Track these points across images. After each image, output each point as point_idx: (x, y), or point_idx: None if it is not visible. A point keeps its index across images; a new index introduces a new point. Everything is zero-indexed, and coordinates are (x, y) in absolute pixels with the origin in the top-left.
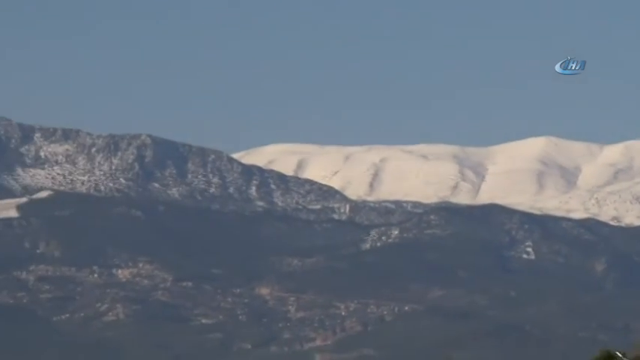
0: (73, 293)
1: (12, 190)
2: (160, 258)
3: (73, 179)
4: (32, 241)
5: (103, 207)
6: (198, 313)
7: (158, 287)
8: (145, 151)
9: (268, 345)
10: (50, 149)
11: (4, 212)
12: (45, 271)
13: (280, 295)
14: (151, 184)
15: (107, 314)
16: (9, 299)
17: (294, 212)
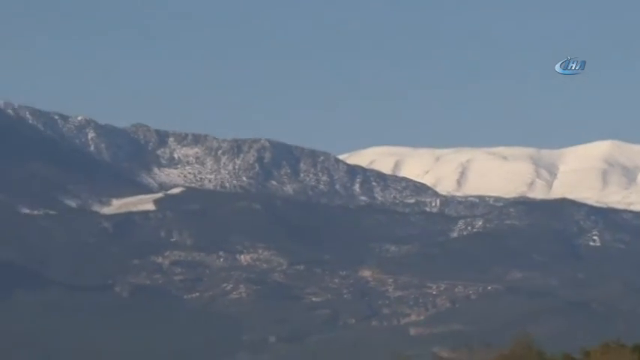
0: (202, 275)
1: (149, 187)
2: (277, 245)
3: (202, 177)
4: (167, 230)
5: (227, 201)
6: (309, 292)
7: (275, 270)
8: (264, 153)
9: (370, 320)
10: (182, 152)
11: (142, 206)
12: (178, 257)
13: (380, 277)
14: (269, 181)
15: (231, 293)
16: (147, 280)
17: (392, 206)
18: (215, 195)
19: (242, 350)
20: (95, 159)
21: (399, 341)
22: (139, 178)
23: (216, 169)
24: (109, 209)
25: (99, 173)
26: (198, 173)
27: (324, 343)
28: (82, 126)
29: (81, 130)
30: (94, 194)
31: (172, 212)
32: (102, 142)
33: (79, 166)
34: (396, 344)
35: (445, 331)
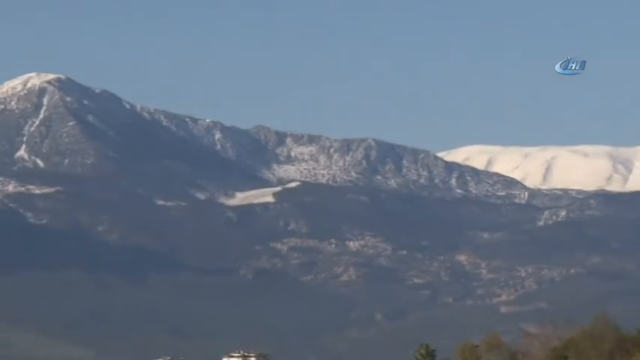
0: (316, 260)
1: (269, 182)
2: (382, 233)
3: (316, 173)
4: (285, 220)
5: (338, 194)
6: (411, 274)
7: (380, 255)
8: (370, 151)
9: (465, 299)
10: (299, 150)
11: (263, 198)
12: (294, 243)
13: (474, 261)
14: (375, 176)
15: (341, 276)
16: (267, 264)
17: (485, 198)
18: (327, 188)
19: (351, 326)
20: (221, 157)
21: (491, 318)
22: (260, 174)
23: (329, 165)
24: (233, 201)
25: (224, 169)
26: (313, 169)
27: (424, 320)
28: (210, 127)
29: (209, 131)
30: (220, 188)
31: (289, 204)
32: (227, 141)
33: (207, 163)
34: (488, 321)
35: (532, 310)
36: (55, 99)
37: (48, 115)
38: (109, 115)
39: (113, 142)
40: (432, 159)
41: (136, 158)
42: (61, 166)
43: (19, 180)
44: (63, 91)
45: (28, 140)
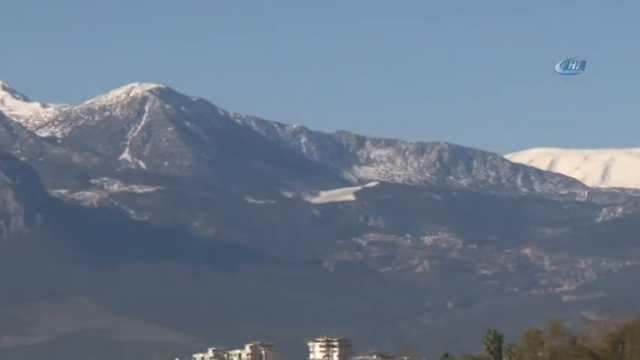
0: (394, 253)
1: (350, 181)
2: (454, 228)
3: (393, 174)
4: (364, 216)
5: (413, 193)
6: (480, 266)
7: (452, 249)
8: (443, 153)
9: (530, 289)
10: (377, 153)
11: (345, 197)
12: (374, 238)
13: (538, 254)
14: (447, 176)
15: (416, 267)
16: (349, 257)
17: (548, 196)
18: (403, 188)
19: (425, 314)
20: (306, 159)
21: (554, 306)
22: (342, 174)
23: (404, 166)
24: (317, 199)
25: (309, 170)
26: (390, 170)
27: (492, 308)
28: (296, 132)
29: (295, 135)
30: (305, 187)
31: (369, 202)
32: (312, 145)
33: (294, 165)
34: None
35: (592, 299)
36: (156, 106)
37: (149, 121)
38: (204, 121)
39: (208, 145)
40: (500, 160)
41: (229, 160)
42: (161, 168)
43: (123, 180)
44: (163, 100)
45: (131, 144)
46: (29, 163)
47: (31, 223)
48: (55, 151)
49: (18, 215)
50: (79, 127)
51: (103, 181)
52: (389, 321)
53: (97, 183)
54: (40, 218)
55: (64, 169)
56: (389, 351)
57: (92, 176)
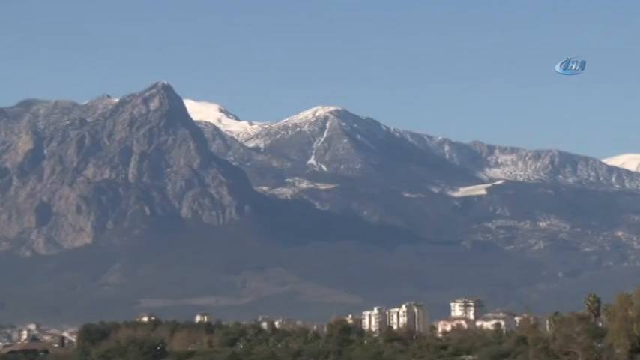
0: (516, 234)
1: (482, 180)
2: (562, 216)
3: (515, 174)
4: (493, 207)
5: (531, 189)
6: (582, 245)
7: (562, 231)
8: (554, 158)
9: (621, 263)
10: (503, 158)
11: (478, 192)
12: (501, 223)
13: (628, 236)
14: (557, 176)
15: (534, 246)
16: (481, 238)
17: (636, 191)
18: (523, 185)
19: (540, 282)
20: (449, 163)
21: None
22: (476, 175)
23: (524, 168)
24: (457, 194)
25: (451, 172)
26: (513, 171)
27: (592, 277)
28: (441, 142)
29: (440, 145)
30: (448, 185)
31: (497, 195)
32: (453, 152)
33: (439, 168)
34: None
35: None
36: (334, 124)
37: (329, 135)
38: (371, 134)
39: (374, 153)
40: (598, 164)
41: (390, 164)
42: (338, 170)
43: (310, 179)
44: (340, 119)
45: (315, 152)
46: (239, 167)
47: (241, 212)
48: (259, 157)
49: (231, 206)
50: (277, 140)
51: (295, 180)
52: (512, 287)
53: (290, 182)
54: (247, 209)
55: (265, 171)
56: (512, 310)
57: (286, 176)
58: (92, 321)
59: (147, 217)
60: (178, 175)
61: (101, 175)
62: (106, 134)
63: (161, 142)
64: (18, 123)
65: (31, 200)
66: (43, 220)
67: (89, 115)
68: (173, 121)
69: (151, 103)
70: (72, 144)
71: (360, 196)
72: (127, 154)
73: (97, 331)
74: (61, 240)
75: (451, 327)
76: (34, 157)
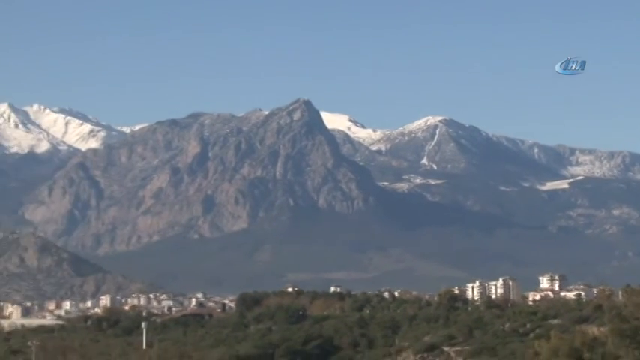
0: (592, 220)
1: (565, 176)
2: (632, 205)
3: (593, 171)
4: (574, 197)
5: (606, 184)
6: None
7: (631, 218)
8: (625, 158)
9: None
10: (583, 158)
11: (562, 186)
12: (580, 211)
13: None
14: (628, 173)
15: (609, 230)
16: (565, 223)
17: None
18: (600, 180)
19: (614, 259)
20: (537, 163)
21: None
22: (560, 172)
23: (600, 167)
24: (544, 187)
25: (540, 170)
26: (591, 169)
27: None
28: (532, 145)
29: (531, 147)
30: (537, 180)
31: (578, 189)
32: (541, 153)
33: (529, 166)
34: None
35: None
36: (443, 131)
37: (439, 140)
38: (473, 139)
39: (475, 155)
40: None
41: (488, 164)
42: (446, 169)
43: (423, 176)
44: (447, 126)
45: (427, 154)
46: (365, 166)
47: (366, 203)
48: (381, 158)
49: (358, 198)
50: (395, 144)
51: (410, 177)
52: (590, 264)
53: (406, 178)
54: (371, 200)
55: (386, 169)
56: (590, 282)
57: (403, 174)
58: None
59: (291, 207)
60: (316, 173)
61: (254, 173)
62: (258, 140)
63: (302, 147)
64: (188, 132)
65: (199, 194)
66: (208, 209)
67: (244, 124)
68: (311, 129)
69: (294, 115)
70: (231, 148)
71: (464, 189)
72: (274, 156)
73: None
74: (222, 225)
75: (540, 297)
76: (201, 159)
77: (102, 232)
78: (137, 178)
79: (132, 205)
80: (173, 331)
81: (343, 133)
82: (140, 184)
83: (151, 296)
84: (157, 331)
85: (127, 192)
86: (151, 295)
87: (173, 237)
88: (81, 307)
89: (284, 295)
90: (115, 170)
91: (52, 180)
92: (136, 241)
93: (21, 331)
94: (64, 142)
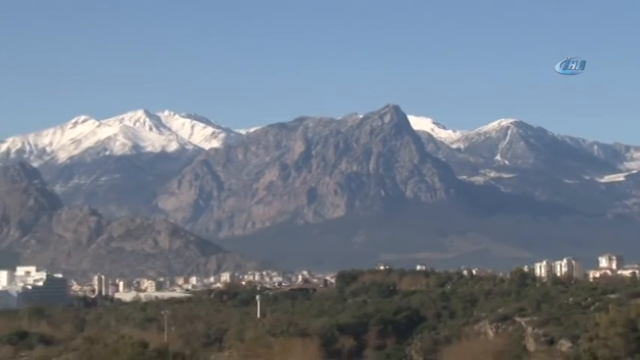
0: None
1: (621, 170)
2: None
3: None
4: (630, 189)
5: None
6: None
7: None
8: None
9: None
10: (637, 154)
11: (618, 179)
12: (636, 200)
13: None
14: None
15: None
16: (621, 211)
17: None
18: None
19: None
20: (597, 158)
21: None
22: (617, 166)
23: None
24: (603, 180)
25: (598, 164)
26: None
27: None
28: (591, 144)
29: (591, 145)
30: (596, 173)
31: (632, 181)
32: (600, 150)
33: (590, 161)
34: None
35: None
36: (514, 131)
37: (510, 139)
38: (540, 138)
39: (542, 152)
40: None
41: (553, 160)
42: (516, 164)
43: (496, 171)
44: (517, 127)
45: (500, 151)
46: (446, 162)
47: (448, 194)
48: (460, 155)
49: (441, 190)
50: (472, 143)
51: (486, 171)
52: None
53: (482, 172)
54: (452, 191)
55: (464, 165)
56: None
57: (480, 169)
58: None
59: (382, 197)
60: (404, 168)
61: (351, 169)
62: (354, 140)
63: (392, 145)
64: (294, 133)
65: (304, 186)
66: (311, 199)
67: (342, 127)
68: (400, 130)
69: (385, 118)
70: (331, 147)
71: (532, 182)
72: (368, 153)
73: (349, 275)
74: (324, 213)
75: (599, 274)
76: (306, 156)
77: (222, 219)
78: (252, 173)
79: (247, 195)
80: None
81: (427, 133)
82: (254, 177)
83: (264, 273)
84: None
85: (243, 185)
86: (264, 272)
87: (282, 223)
88: (205, 282)
89: (377, 272)
90: (233, 166)
91: (181, 175)
92: (251, 227)
93: (155, 302)
94: (191, 142)
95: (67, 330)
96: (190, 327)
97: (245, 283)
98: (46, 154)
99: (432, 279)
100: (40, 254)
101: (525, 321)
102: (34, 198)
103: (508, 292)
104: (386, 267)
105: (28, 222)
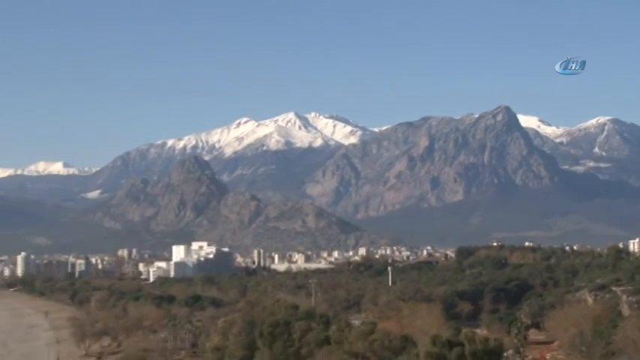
0: None
1: None
2: None
3: None
4: None
5: None
6: None
7: None
8: None
9: None
10: None
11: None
12: None
13: None
14: None
15: None
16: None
17: None
18: None
19: None
20: None
21: None
22: None
23: None
24: None
25: None
26: None
27: None
28: None
29: None
30: None
31: None
32: None
33: None
34: None
35: None
36: (610, 127)
37: (607, 134)
38: (633, 133)
39: (636, 145)
40: None
41: None
42: (613, 155)
43: (595, 161)
44: (614, 123)
45: (599, 144)
46: (551, 154)
47: (552, 181)
48: (563, 148)
49: (546, 178)
50: (574, 137)
51: (585, 161)
52: None
53: (582, 162)
54: (556, 179)
55: (567, 156)
56: None
57: (580, 159)
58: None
59: (495, 184)
60: (514, 159)
61: (468, 160)
62: (471, 136)
63: (503, 140)
64: (419, 130)
65: (428, 175)
66: (434, 186)
67: (461, 124)
68: (510, 127)
69: (497, 117)
70: (451, 142)
71: (627, 170)
72: (483, 147)
73: (467, 251)
74: (445, 198)
75: None
76: (429, 150)
77: (359, 203)
78: (384, 164)
79: (380, 183)
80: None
81: (534, 129)
82: (386, 168)
83: (394, 248)
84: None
85: (376, 174)
86: (394, 247)
87: (410, 206)
88: (345, 256)
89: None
90: (369, 158)
91: (325, 166)
92: (383, 209)
93: (304, 272)
94: (333, 138)
95: (232, 294)
96: (333, 293)
97: (378, 256)
98: (215, 150)
99: (539, 254)
100: (211, 232)
101: (620, 290)
102: (205, 186)
103: (605, 264)
104: (498, 243)
105: (201, 205)
